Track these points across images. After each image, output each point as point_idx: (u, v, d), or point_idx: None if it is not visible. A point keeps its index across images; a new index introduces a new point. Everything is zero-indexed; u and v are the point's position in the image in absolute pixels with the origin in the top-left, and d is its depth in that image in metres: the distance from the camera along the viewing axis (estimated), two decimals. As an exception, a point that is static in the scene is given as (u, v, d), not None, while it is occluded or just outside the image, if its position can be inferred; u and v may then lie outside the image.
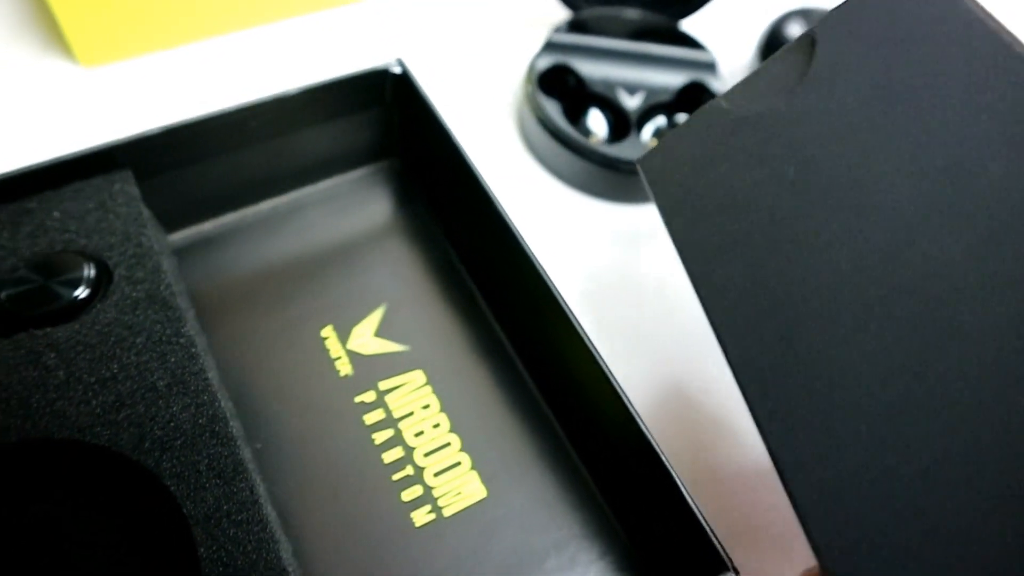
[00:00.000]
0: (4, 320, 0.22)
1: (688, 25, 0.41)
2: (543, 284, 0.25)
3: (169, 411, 0.21)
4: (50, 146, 0.26)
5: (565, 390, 0.27)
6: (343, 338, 0.28)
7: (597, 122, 0.37)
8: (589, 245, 0.34)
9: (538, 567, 0.24)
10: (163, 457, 0.21)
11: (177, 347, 0.23)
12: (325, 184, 0.32)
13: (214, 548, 0.20)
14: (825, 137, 0.20)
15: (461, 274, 0.31)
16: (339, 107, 0.30)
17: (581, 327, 0.24)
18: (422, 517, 0.25)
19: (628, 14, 0.40)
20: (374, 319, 0.29)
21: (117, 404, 0.21)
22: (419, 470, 0.26)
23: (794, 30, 0.39)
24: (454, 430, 0.27)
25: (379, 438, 0.26)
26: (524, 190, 0.36)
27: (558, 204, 0.35)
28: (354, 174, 0.33)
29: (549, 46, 0.37)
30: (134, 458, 0.21)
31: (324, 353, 0.28)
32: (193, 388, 0.22)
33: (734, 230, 0.21)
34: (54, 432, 0.21)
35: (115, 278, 0.24)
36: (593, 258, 0.34)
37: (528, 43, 0.41)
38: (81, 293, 0.23)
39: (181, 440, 0.21)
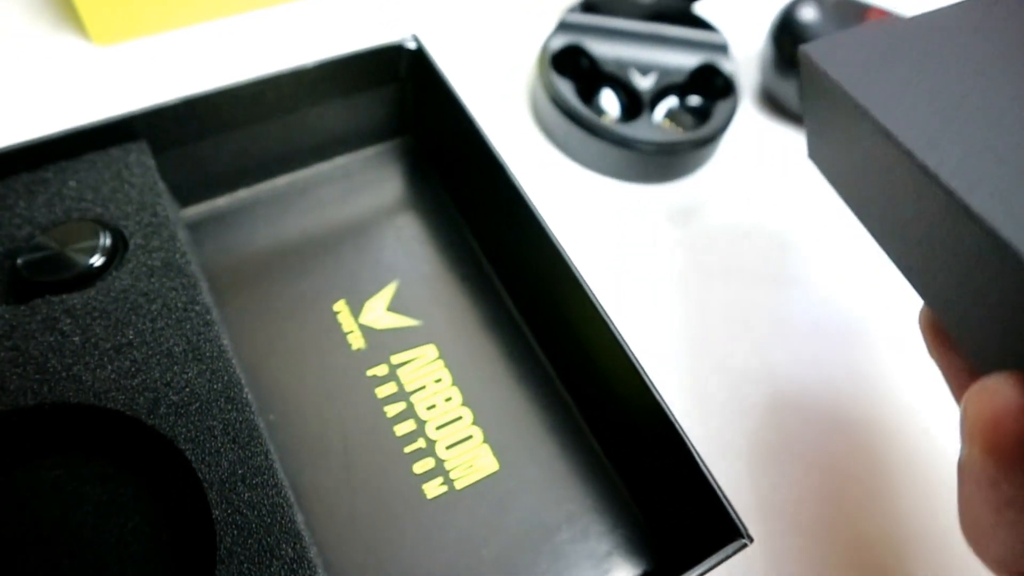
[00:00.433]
0: (21, 286, 0.23)
1: (701, 7, 0.40)
2: (560, 258, 0.25)
3: (184, 376, 0.21)
4: (64, 121, 0.26)
5: (577, 364, 0.27)
6: (355, 312, 0.28)
7: (610, 102, 0.37)
8: (600, 223, 0.34)
9: (550, 539, 0.24)
10: (178, 422, 0.21)
11: (192, 314, 0.23)
12: (339, 161, 0.32)
13: (229, 511, 0.20)
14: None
15: (474, 250, 0.31)
16: (354, 82, 0.30)
17: (597, 298, 0.24)
18: (434, 489, 0.25)
19: (641, -4, 0.39)
20: (387, 294, 0.29)
21: (133, 369, 0.21)
22: (431, 443, 0.26)
23: (807, 13, 0.39)
24: (466, 404, 0.27)
25: (391, 411, 0.26)
26: (536, 169, 0.35)
27: (570, 183, 0.35)
28: (368, 151, 0.33)
29: (562, 26, 0.37)
30: (149, 423, 0.21)
31: (337, 327, 0.28)
32: (208, 354, 0.22)
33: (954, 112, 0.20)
34: (70, 396, 0.21)
35: (131, 246, 0.24)
36: (604, 236, 0.33)
37: (541, 23, 0.41)
38: (97, 261, 0.23)
39: (196, 405, 0.21)
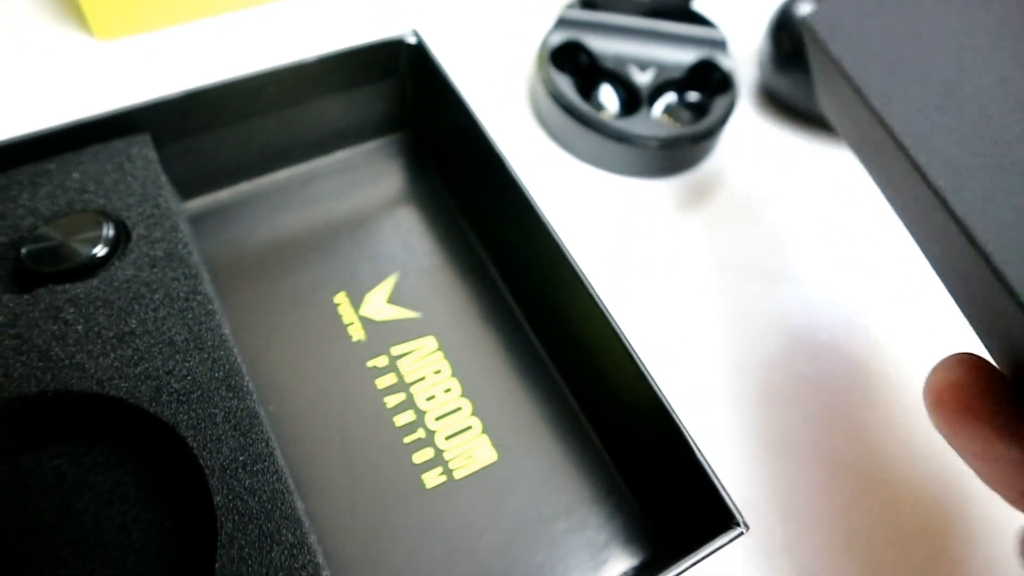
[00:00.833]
0: (25, 276, 0.23)
1: (700, 3, 0.41)
2: (558, 251, 0.25)
3: (186, 365, 0.22)
4: (66, 114, 0.26)
5: (576, 356, 0.27)
6: (356, 304, 0.29)
7: (609, 97, 0.37)
8: (598, 217, 0.34)
9: (548, 529, 0.24)
10: (180, 409, 0.21)
11: (194, 303, 0.23)
12: (339, 155, 0.33)
13: (230, 497, 0.20)
14: None
15: (473, 243, 0.31)
16: (354, 77, 0.30)
17: (595, 291, 0.24)
18: (433, 479, 0.25)
19: (640, -8, 0.40)
20: (387, 286, 0.29)
21: (135, 358, 0.22)
22: (430, 433, 0.26)
23: (805, 10, 0.39)
24: (465, 395, 0.27)
25: (391, 402, 0.26)
26: (535, 163, 0.36)
27: (569, 177, 0.36)
28: (368, 145, 0.33)
29: (561, 22, 0.38)
30: (151, 410, 0.21)
31: (337, 319, 0.28)
32: (210, 343, 0.22)
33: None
34: (73, 384, 0.21)
35: (133, 237, 0.24)
36: (602, 230, 0.34)
37: (540, 19, 0.41)
38: (99, 251, 0.23)
39: (198, 393, 0.21)
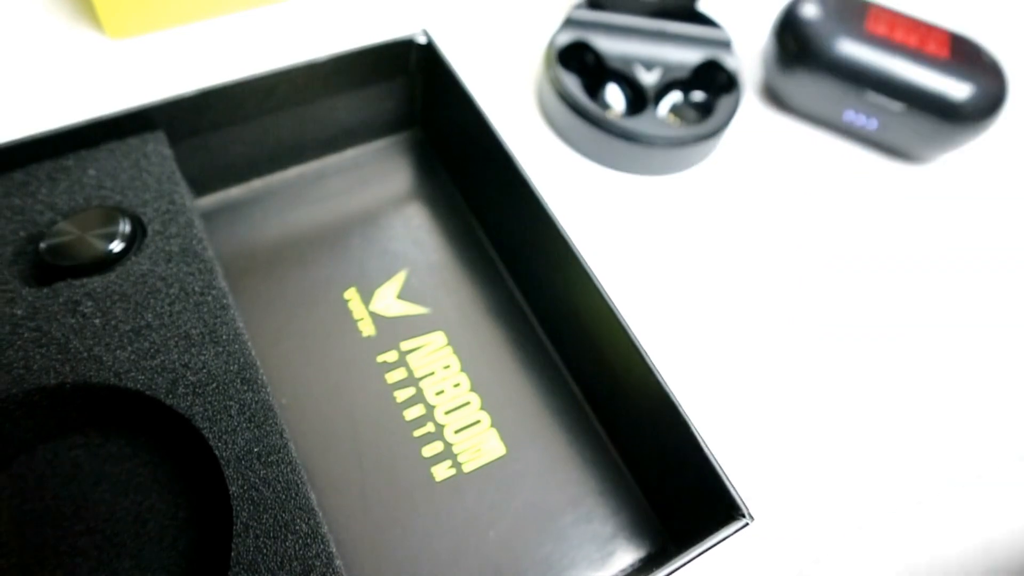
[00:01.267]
0: (43, 270, 0.23)
1: (705, 4, 0.41)
2: (566, 247, 0.26)
3: (201, 358, 0.22)
4: (82, 112, 0.26)
5: (583, 351, 0.27)
6: (366, 300, 0.29)
7: (615, 97, 0.37)
8: (605, 214, 0.34)
9: (556, 521, 0.25)
10: (195, 401, 0.21)
11: (209, 298, 0.23)
12: (350, 152, 0.33)
13: (244, 487, 0.20)
14: None
15: (481, 240, 0.31)
16: (365, 76, 0.31)
17: (602, 286, 0.25)
18: (442, 472, 0.25)
19: (646, -7, 0.40)
20: (396, 282, 0.30)
21: (152, 351, 0.22)
22: (440, 427, 0.26)
23: (809, 10, 0.40)
24: (474, 389, 0.27)
25: (401, 396, 0.27)
26: (543, 161, 0.36)
27: (576, 175, 0.36)
28: (378, 143, 0.34)
29: (569, 23, 0.38)
30: (168, 402, 0.21)
31: (347, 314, 0.28)
32: (225, 337, 0.23)
33: None
34: (91, 376, 0.21)
35: (149, 233, 0.24)
36: (609, 226, 0.34)
37: (548, 20, 0.42)
38: (116, 246, 0.24)
39: (213, 385, 0.22)
